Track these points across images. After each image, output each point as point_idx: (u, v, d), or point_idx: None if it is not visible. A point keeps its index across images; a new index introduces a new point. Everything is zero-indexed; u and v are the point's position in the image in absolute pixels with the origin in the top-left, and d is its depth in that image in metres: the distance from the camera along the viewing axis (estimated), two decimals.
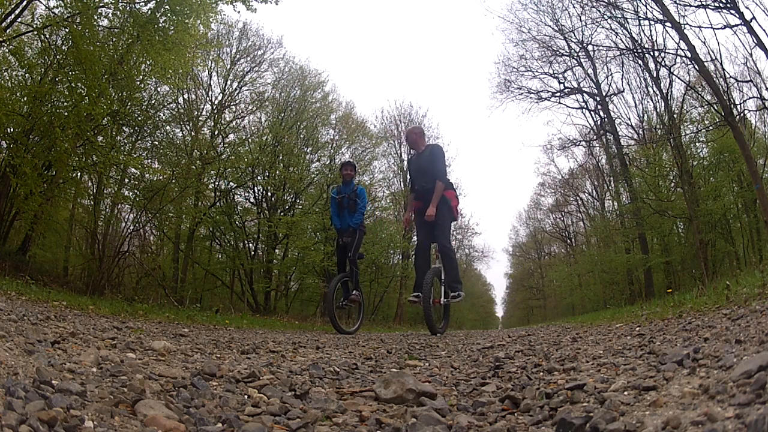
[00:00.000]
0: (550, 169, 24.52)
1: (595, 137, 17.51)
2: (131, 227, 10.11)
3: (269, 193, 14.94)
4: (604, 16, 12.55)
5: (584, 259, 22.74)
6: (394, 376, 1.24)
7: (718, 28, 9.32)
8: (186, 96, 12.99)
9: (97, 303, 5.42)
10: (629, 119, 16.77)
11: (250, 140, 14.03)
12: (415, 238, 15.49)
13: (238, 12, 16.71)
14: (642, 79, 15.30)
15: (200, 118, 13.32)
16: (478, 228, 43.66)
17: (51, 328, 2.20)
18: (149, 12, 7.41)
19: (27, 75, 7.95)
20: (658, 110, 15.26)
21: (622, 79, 19.92)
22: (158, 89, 10.73)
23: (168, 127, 12.24)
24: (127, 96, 8.47)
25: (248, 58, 14.46)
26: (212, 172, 12.75)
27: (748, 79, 10.88)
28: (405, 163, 23.34)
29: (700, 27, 9.82)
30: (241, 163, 13.14)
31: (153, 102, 10.85)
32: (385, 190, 20.71)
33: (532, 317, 33.57)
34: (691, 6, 9.64)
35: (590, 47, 15.19)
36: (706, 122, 13.55)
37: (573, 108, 17.57)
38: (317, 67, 27.64)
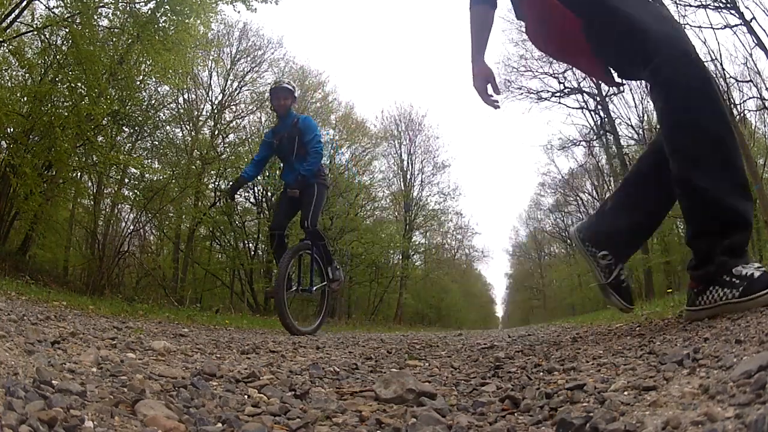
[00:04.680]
0: (550, 169, 24.53)
1: (595, 137, 17.53)
2: (131, 227, 10.13)
3: (269, 193, 14.96)
4: None
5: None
6: (394, 376, 1.24)
7: (718, 28, 9.36)
8: (186, 96, 13.04)
9: (97, 303, 5.41)
10: (629, 119, 16.79)
11: (250, 140, 14.04)
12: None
13: (238, 12, 16.64)
14: None
15: (200, 118, 13.36)
16: (478, 228, 43.79)
17: (51, 328, 2.20)
18: (149, 12, 7.42)
19: (27, 75, 7.95)
20: None
21: None
22: (158, 89, 10.75)
23: (168, 127, 12.28)
24: (127, 96, 8.48)
25: (248, 58, 14.50)
26: (212, 172, 12.77)
27: (748, 79, 10.90)
28: (402, 160, 23.15)
29: (700, 27, 9.85)
30: (241, 163, 13.15)
31: (153, 102, 10.87)
32: (385, 190, 20.73)
33: (532, 317, 33.56)
34: (691, 6, 9.67)
35: None
36: None
37: (573, 108, 17.61)
38: (318, 68, 27.70)
